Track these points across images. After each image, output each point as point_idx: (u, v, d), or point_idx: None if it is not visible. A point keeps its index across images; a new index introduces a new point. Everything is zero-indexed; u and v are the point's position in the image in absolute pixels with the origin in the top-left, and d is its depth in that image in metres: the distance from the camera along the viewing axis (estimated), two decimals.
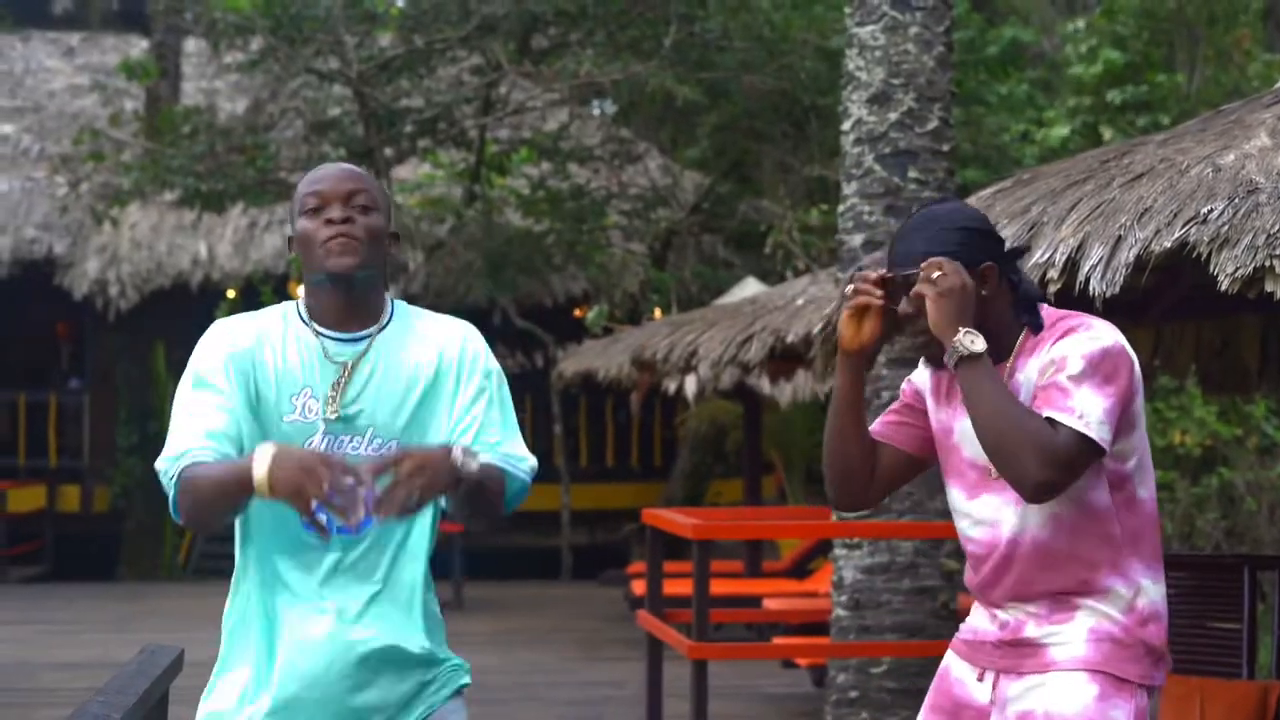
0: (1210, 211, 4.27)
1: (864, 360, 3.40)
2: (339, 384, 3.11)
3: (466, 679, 3.26)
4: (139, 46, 21.24)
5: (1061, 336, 3.27)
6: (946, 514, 3.85)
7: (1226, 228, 4.19)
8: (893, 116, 7.99)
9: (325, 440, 3.08)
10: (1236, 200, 4.26)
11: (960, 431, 3.40)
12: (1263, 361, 6.80)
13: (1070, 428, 3.16)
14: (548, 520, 17.56)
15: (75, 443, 19.58)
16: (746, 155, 17.53)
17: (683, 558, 11.60)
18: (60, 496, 19.09)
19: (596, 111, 20.07)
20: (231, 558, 3.20)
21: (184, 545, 18.47)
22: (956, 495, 3.45)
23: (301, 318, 3.17)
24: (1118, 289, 4.39)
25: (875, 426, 3.50)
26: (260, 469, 2.84)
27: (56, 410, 19.61)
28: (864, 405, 3.44)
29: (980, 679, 3.39)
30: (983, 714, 3.39)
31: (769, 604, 10.47)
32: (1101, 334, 3.26)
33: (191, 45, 20.40)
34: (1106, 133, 14.43)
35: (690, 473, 17.90)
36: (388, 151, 15.50)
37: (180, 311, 18.75)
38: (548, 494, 17.09)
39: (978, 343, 3.21)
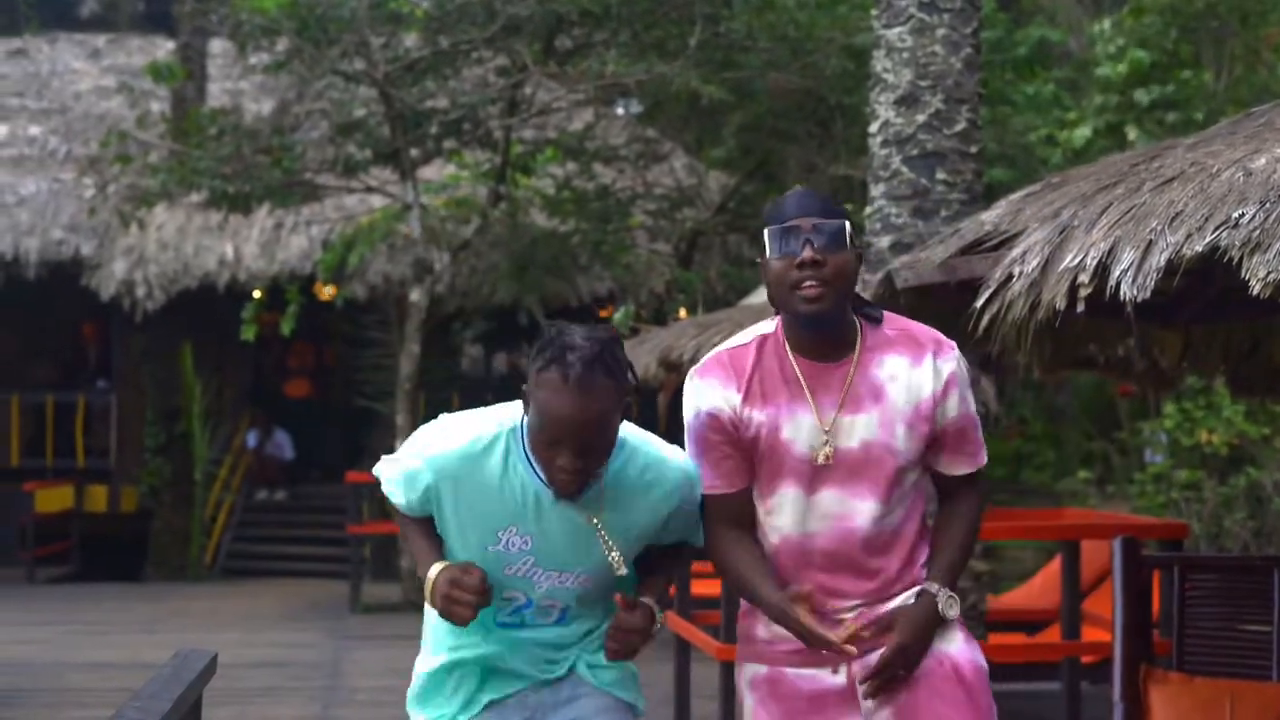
0: (1241, 216, 4.25)
1: None
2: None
3: None
4: (165, 48, 21.32)
5: (938, 353, 3.46)
6: None
7: (1258, 232, 4.17)
8: (920, 118, 7.98)
9: None
10: (1268, 204, 4.24)
11: (791, 427, 3.42)
12: None
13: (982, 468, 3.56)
14: None
15: (102, 443, 19.65)
16: (772, 155, 17.49)
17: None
18: (87, 497, 19.17)
19: (621, 112, 20.06)
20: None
21: (210, 545, 18.52)
22: (792, 494, 3.44)
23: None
24: (1149, 293, 4.37)
25: (718, 484, 3.51)
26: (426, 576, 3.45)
27: (84, 411, 19.70)
28: None
29: (832, 669, 3.46)
30: (845, 693, 3.45)
31: None
32: (958, 354, 3.49)
33: (217, 47, 20.46)
34: (1131, 132, 14.38)
35: None
36: (413, 152, 15.52)
37: (207, 312, 18.82)
38: None
39: (955, 607, 3.47)
